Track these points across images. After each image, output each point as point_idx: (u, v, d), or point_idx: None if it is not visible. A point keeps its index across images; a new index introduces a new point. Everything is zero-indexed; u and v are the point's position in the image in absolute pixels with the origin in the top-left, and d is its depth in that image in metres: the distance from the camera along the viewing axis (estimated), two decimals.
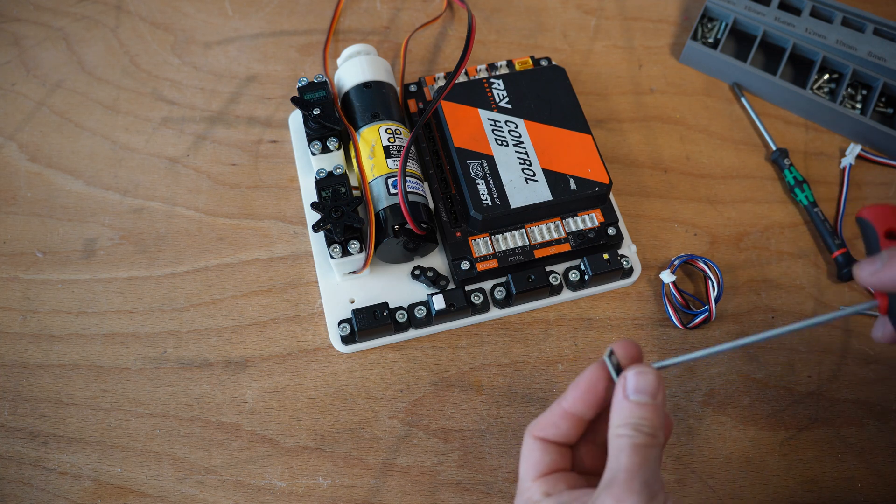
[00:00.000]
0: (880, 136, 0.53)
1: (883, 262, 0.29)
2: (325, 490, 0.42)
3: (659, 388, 0.30)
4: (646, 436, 0.29)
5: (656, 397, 0.30)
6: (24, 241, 0.49)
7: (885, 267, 0.29)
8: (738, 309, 0.48)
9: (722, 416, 0.45)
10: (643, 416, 0.29)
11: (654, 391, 0.30)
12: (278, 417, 0.44)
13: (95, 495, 0.41)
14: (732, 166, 0.54)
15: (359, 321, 0.44)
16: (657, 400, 0.30)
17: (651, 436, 0.29)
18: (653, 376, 0.30)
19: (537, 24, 0.60)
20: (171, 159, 0.52)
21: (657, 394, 0.30)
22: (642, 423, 0.29)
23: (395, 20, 0.59)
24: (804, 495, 0.43)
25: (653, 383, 0.30)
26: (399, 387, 0.45)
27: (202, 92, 0.55)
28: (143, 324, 0.46)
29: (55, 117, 0.54)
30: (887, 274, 0.29)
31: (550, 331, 0.47)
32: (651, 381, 0.30)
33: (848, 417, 0.45)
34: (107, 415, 0.44)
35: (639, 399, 0.30)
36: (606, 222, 0.47)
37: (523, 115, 0.49)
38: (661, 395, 0.30)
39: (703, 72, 0.58)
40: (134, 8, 0.59)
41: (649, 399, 0.30)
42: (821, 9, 0.57)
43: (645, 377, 0.30)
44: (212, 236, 0.49)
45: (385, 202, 0.45)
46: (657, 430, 0.29)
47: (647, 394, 0.30)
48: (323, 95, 0.47)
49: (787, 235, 0.51)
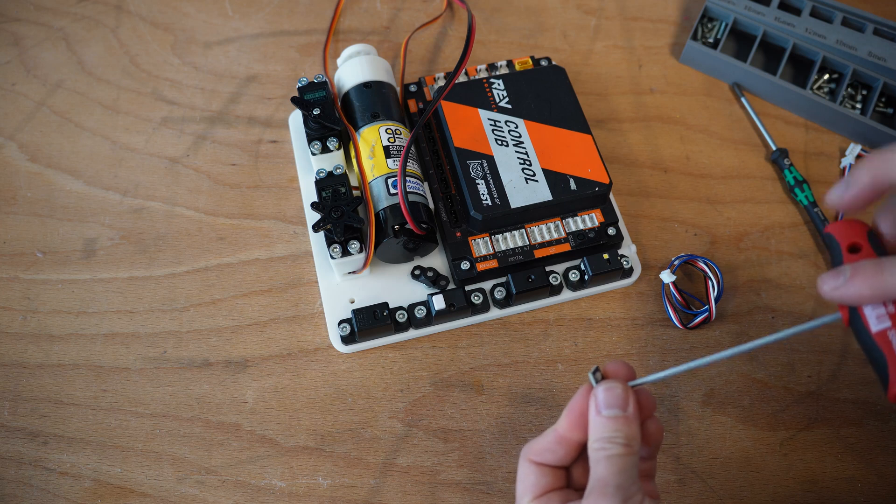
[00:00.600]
0: (880, 136, 0.53)
1: (845, 278, 0.30)
2: (325, 490, 0.42)
3: (628, 400, 0.32)
4: (620, 446, 0.31)
5: (626, 409, 0.32)
6: (24, 241, 0.49)
7: (846, 283, 0.30)
8: (738, 309, 0.48)
9: (722, 416, 0.45)
10: (616, 428, 0.31)
11: (623, 404, 0.32)
12: (278, 417, 0.44)
13: (95, 495, 0.42)
14: (732, 166, 0.54)
15: (359, 321, 0.44)
16: (628, 411, 0.32)
17: (625, 446, 0.31)
18: (620, 390, 0.32)
19: (537, 24, 0.60)
20: (171, 159, 0.52)
21: (626, 405, 0.32)
22: (616, 435, 0.31)
23: (395, 20, 0.59)
24: (804, 495, 0.43)
25: (621, 396, 0.32)
26: (399, 387, 0.45)
27: (202, 92, 0.55)
28: (143, 324, 0.46)
29: (55, 117, 0.54)
30: (848, 290, 0.30)
31: (550, 331, 0.47)
32: (619, 395, 0.32)
33: (848, 417, 0.45)
34: (107, 415, 0.44)
35: (610, 413, 0.32)
36: (606, 222, 0.47)
37: (523, 115, 0.49)
38: (631, 406, 0.32)
39: (703, 72, 0.58)
40: (134, 8, 0.59)
41: (619, 412, 0.32)
42: (821, 9, 0.57)
43: (613, 392, 0.32)
44: (212, 236, 0.49)
45: (385, 202, 0.45)
46: (631, 439, 0.31)
47: (616, 407, 0.32)
48: (323, 95, 0.47)
49: (787, 235, 0.51)
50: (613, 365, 0.33)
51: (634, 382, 0.33)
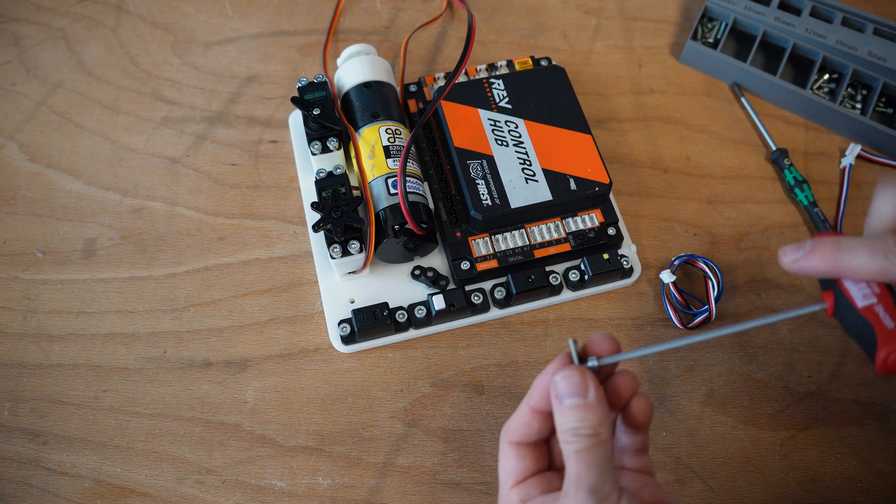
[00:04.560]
0: (880, 136, 0.53)
1: (804, 252, 0.30)
2: (325, 490, 0.42)
3: (587, 386, 0.30)
4: (586, 437, 0.29)
5: (587, 395, 0.30)
6: (24, 241, 0.49)
7: (805, 256, 0.30)
8: (738, 309, 0.48)
9: (722, 416, 0.45)
10: (579, 417, 0.30)
11: (582, 391, 0.30)
12: (278, 417, 0.44)
13: (95, 495, 0.42)
14: (732, 166, 0.54)
15: (359, 321, 0.44)
16: (589, 398, 0.30)
17: (592, 436, 0.29)
18: (577, 377, 0.30)
19: (537, 24, 0.60)
20: (171, 159, 0.52)
21: (587, 391, 0.30)
22: (580, 425, 0.29)
23: (395, 20, 0.59)
24: (804, 495, 0.43)
25: (578, 383, 0.30)
26: (399, 387, 0.45)
27: (202, 92, 0.55)
28: (143, 324, 0.46)
29: (55, 117, 0.54)
30: (806, 263, 0.30)
31: (550, 331, 0.47)
32: (576, 382, 0.30)
33: (848, 417, 0.45)
34: (107, 415, 0.44)
35: (571, 403, 0.30)
36: (606, 222, 0.47)
37: (523, 115, 0.49)
38: (591, 391, 0.30)
39: (703, 72, 0.58)
40: (134, 8, 0.59)
41: (580, 399, 0.30)
42: (821, 9, 0.57)
43: (570, 381, 0.30)
44: (212, 236, 0.49)
45: (385, 202, 0.45)
46: (598, 427, 0.29)
47: (576, 395, 0.30)
48: (323, 95, 0.47)
49: (787, 235, 0.51)
50: (597, 339, 0.32)
51: (606, 360, 0.31)
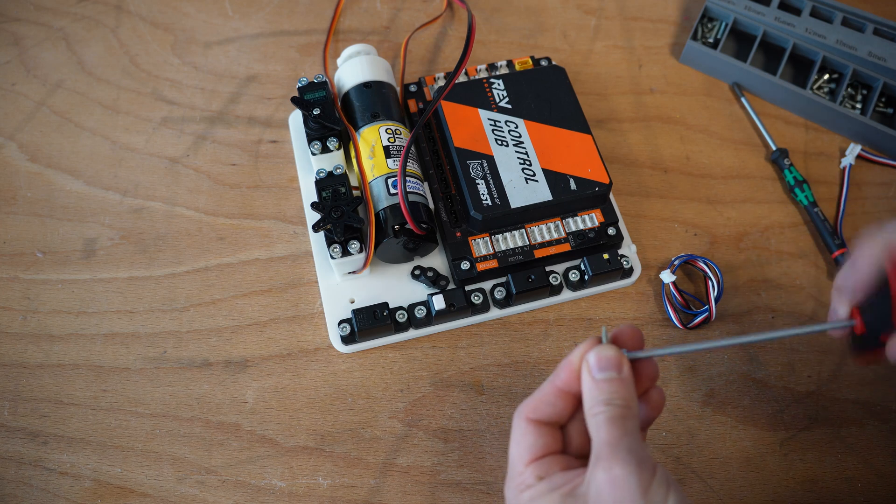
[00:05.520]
0: (880, 136, 0.53)
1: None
2: (325, 490, 0.42)
3: (621, 362, 0.31)
4: (619, 408, 0.30)
5: (621, 371, 0.31)
6: (24, 241, 0.49)
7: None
8: (738, 309, 0.48)
9: (722, 416, 0.45)
10: (612, 390, 0.30)
11: (617, 365, 0.31)
12: (278, 417, 0.44)
13: (95, 495, 0.41)
14: (732, 166, 0.54)
15: (359, 321, 0.44)
16: (623, 374, 0.31)
17: (625, 407, 0.30)
18: (612, 352, 0.31)
19: (537, 24, 0.60)
20: (171, 159, 0.52)
21: (621, 367, 0.31)
22: (613, 397, 0.30)
23: (395, 20, 0.59)
24: (804, 495, 0.43)
25: (613, 359, 0.31)
26: (399, 387, 0.45)
27: (202, 92, 0.55)
28: (143, 324, 0.46)
29: (55, 117, 0.54)
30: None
31: (550, 331, 0.47)
32: (612, 357, 0.31)
33: (848, 417, 0.45)
34: (107, 415, 0.44)
35: (604, 376, 0.31)
36: (606, 222, 0.47)
37: (523, 115, 0.49)
38: (625, 368, 0.31)
39: (703, 72, 0.58)
40: (134, 8, 0.59)
41: (615, 373, 0.31)
42: (821, 9, 0.57)
43: (604, 354, 0.31)
44: (212, 236, 0.49)
45: (385, 202, 0.45)
46: (629, 400, 0.30)
47: (610, 370, 0.31)
48: (323, 95, 0.47)
49: (787, 235, 0.51)
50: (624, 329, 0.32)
51: (633, 355, 0.32)
